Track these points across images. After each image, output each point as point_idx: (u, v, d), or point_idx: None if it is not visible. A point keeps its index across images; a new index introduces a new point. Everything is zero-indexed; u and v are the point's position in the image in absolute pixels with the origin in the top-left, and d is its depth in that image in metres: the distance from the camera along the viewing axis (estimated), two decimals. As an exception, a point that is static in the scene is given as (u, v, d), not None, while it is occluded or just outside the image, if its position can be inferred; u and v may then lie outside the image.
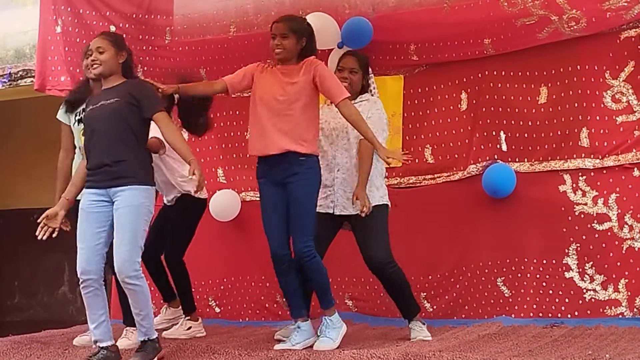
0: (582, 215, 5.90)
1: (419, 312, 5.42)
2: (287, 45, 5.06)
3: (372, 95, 5.53)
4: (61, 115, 5.75)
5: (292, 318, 5.25)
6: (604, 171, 5.87)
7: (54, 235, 4.84)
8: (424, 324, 5.36)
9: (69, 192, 4.93)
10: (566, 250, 5.91)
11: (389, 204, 5.41)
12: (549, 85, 6.04)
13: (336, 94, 5.01)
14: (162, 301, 6.37)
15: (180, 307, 6.17)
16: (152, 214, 4.78)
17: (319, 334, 5.10)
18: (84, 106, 5.13)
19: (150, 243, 6.03)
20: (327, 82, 5.01)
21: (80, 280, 4.78)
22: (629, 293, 5.73)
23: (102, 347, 4.73)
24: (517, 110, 6.12)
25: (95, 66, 4.81)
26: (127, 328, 5.59)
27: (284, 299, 5.43)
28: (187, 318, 6.03)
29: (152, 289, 6.79)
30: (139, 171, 4.68)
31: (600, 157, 5.88)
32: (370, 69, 5.57)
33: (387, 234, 5.31)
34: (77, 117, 5.59)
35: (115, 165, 4.65)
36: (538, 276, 5.96)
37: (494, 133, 6.16)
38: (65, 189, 5.04)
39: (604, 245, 5.82)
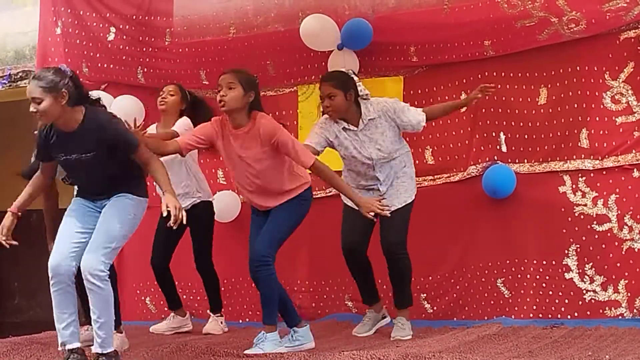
0: (582, 216, 5.90)
1: (409, 307, 5.57)
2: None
3: (366, 98, 5.54)
4: None
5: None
6: (604, 172, 5.87)
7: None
8: (408, 320, 5.50)
9: (18, 202, 4.98)
10: (566, 251, 5.91)
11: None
12: (549, 86, 6.04)
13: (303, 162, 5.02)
14: (166, 308, 6.39)
15: (186, 315, 6.34)
16: (136, 225, 4.68)
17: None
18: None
19: (158, 250, 6.10)
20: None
21: (50, 277, 4.76)
22: (629, 294, 5.73)
23: (70, 350, 4.62)
24: (517, 111, 6.12)
25: (39, 117, 4.51)
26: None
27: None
28: (217, 315, 6.27)
29: (157, 296, 6.85)
30: (130, 183, 4.66)
31: (600, 158, 5.88)
32: (354, 77, 5.57)
33: (408, 227, 5.55)
34: None
35: (108, 191, 4.67)
36: (538, 277, 5.96)
37: (494, 134, 6.17)
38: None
39: (603, 246, 5.83)
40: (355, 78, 5.60)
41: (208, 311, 6.34)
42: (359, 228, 5.53)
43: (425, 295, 6.26)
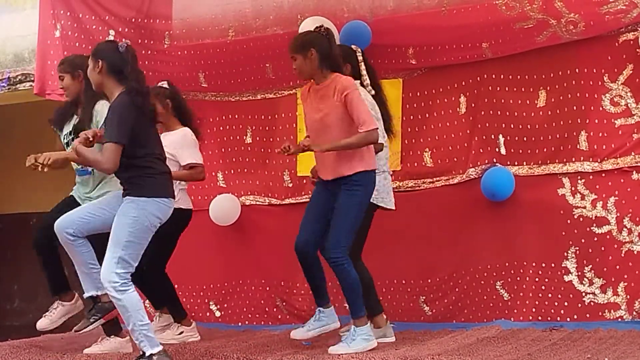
0: (581, 219, 5.89)
1: (378, 314, 5.50)
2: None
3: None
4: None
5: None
6: (603, 174, 5.87)
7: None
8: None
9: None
10: (565, 254, 5.91)
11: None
12: (548, 88, 6.04)
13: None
14: (153, 310, 6.34)
15: (192, 325, 6.14)
16: (145, 226, 4.63)
17: (342, 339, 5.10)
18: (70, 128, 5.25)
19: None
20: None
21: None
22: (628, 296, 5.72)
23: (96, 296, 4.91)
24: (515, 113, 6.12)
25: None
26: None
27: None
28: (178, 325, 6.02)
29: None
30: (132, 181, 4.66)
31: (599, 161, 5.88)
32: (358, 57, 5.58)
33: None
34: (65, 141, 5.58)
35: (124, 189, 4.72)
36: (537, 279, 5.96)
37: (492, 136, 6.16)
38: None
39: (603, 248, 5.82)
40: (360, 57, 5.58)
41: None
42: None
43: (424, 297, 6.26)
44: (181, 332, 5.94)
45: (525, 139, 6.09)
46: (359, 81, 5.46)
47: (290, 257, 6.73)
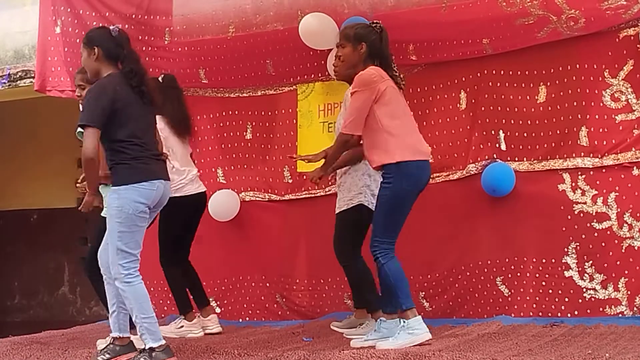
0: (582, 214, 5.89)
1: (367, 308, 5.62)
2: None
3: None
4: None
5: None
6: (603, 170, 5.86)
7: None
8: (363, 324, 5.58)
9: None
10: (565, 249, 5.91)
11: (364, 204, 5.58)
12: (548, 84, 6.04)
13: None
14: (165, 308, 6.33)
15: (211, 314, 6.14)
16: (130, 214, 4.62)
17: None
18: None
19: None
20: None
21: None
22: (629, 292, 5.73)
23: (112, 338, 4.83)
24: (516, 109, 6.11)
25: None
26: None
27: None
28: (182, 317, 6.03)
29: (156, 295, 6.83)
30: (113, 174, 4.70)
31: (599, 156, 5.88)
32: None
33: (348, 233, 5.64)
34: None
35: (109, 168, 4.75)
36: (537, 275, 5.96)
37: (493, 132, 6.16)
38: None
39: (603, 244, 5.82)
40: None
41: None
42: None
43: (424, 293, 6.26)
44: (181, 327, 5.95)
45: (525, 134, 6.09)
46: None
47: (290, 252, 6.78)
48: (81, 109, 4.68)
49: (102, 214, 5.13)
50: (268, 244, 6.87)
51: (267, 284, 6.86)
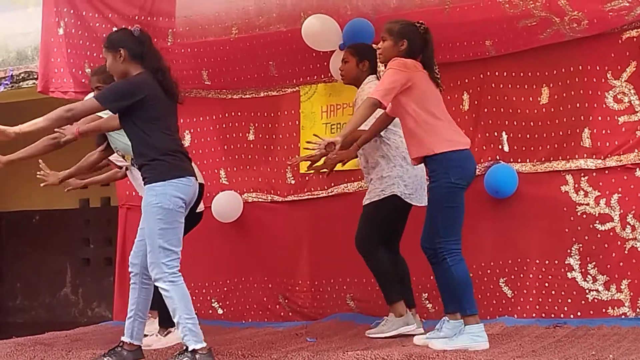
0: (585, 216, 5.90)
1: (394, 303, 5.51)
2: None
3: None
4: None
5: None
6: (606, 171, 5.87)
7: None
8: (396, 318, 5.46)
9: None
10: (568, 251, 5.91)
11: (397, 194, 5.48)
12: (551, 85, 6.04)
13: None
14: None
15: None
16: (171, 209, 4.59)
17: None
18: None
19: None
20: None
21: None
22: (632, 293, 5.73)
23: (122, 341, 4.80)
24: (519, 110, 6.12)
25: None
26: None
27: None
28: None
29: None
30: (147, 169, 4.67)
31: (602, 158, 5.88)
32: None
33: (371, 228, 5.53)
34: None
35: (139, 166, 4.76)
36: (540, 277, 5.97)
37: (495, 134, 6.17)
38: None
39: (606, 245, 5.83)
40: None
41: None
42: None
43: (427, 294, 6.26)
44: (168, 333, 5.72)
45: (528, 136, 6.09)
46: (375, 75, 5.65)
47: (293, 254, 6.78)
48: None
49: None
50: (271, 245, 6.87)
51: (270, 285, 6.86)
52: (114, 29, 7.04)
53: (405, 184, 5.49)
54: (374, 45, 5.63)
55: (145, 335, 5.18)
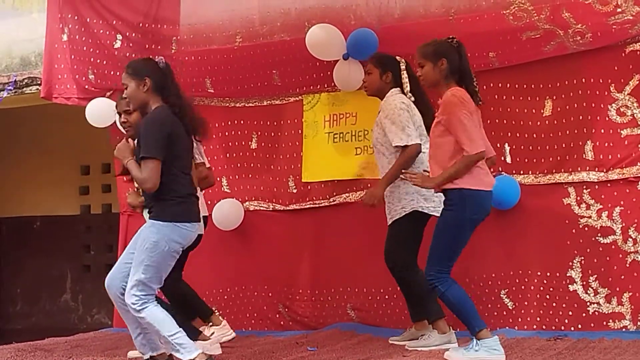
0: (586, 228, 5.90)
1: (436, 321, 5.47)
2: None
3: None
4: None
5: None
6: (609, 184, 5.87)
7: None
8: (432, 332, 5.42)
9: None
10: (570, 263, 5.91)
11: (418, 210, 5.50)
12: (554, 98, 6.05)
13: None
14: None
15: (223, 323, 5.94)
16: (165, 251, 4.59)
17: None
18: None
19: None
20: None
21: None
22: (633, 306, 5.72)
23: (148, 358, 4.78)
24: (521, 122, 6.12)
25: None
26: None
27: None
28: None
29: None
30: (156, 207, 4.64)
31: (604, 170, 5.88)
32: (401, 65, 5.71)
33: (402, 241, 5.51)
34: None
35: (150, 208, 4.73)
36: (542, 289, 5.96)
37: (498, 145, 6.15)
38: None
39: (608, 258, 5.82)
40: (402, 66, 5.71)
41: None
42: None
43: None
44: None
45: (531, 148, 6.09)
46: (399, 88, 5.66)
47: (294, 262, 6.78)
48: (140, 139, 4.59)
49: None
50: (271, 253, 6.87)
51: (270, 294, 6.85)
52: (118, 36, 7.10)
53: (425, 197, 5.50)
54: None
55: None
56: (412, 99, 5.60)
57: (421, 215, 5.52)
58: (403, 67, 5.70)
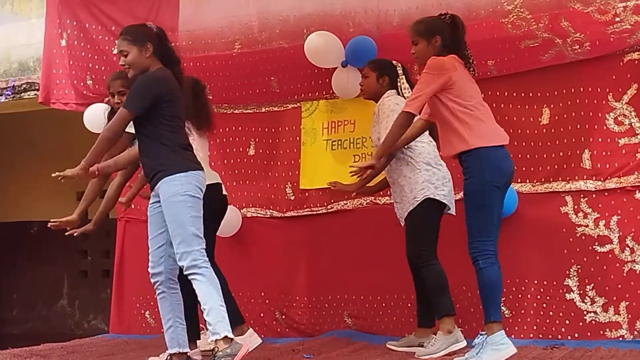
0: (584, 237, 5.89)
1: (444, 317, 5.43)
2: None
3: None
4: None
5: None
6: (606, 193, 5.87)
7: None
8: (444, 335, 5.37)
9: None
10: (567, 272, 5.90)
11: (431, 197, 5.45)
12: (552, 106, 6.05)
13: None
14: None
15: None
16: (196, 197, 4.61)
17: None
18: None
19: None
20: None
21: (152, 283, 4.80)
22: (630, 316, 5.72)
23: (171, 354, 4.74)
24: (519, 131, 6.12)
25: (127, 71, 4.74)
26: None
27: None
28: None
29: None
30: (165, 162, 4.62)
31: (602, 179, 5.88)
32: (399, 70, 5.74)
33: (423, 233, 5.45)
34: None
35: (150, 174, 4.70)
36: (539, 297, 5.96)
37: (496, 153, 6.17)
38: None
39: (605, 267, 5.82)
40: (400, 71, 5.74)
41: None
42: None
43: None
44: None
45: (528, 156, 6.10)
46: (395, 90, 5.69)
47: (291, 269, 6.77)
48: (129, 94, 4.69)
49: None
50: (268, 260, 6.86)
51: (267, 301, 6.85)
52: (117, 41, 7.08)
53: (435, 185, 5.47)
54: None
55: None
56: None
57: (434, 202, 5.46)
58: (400, 71, 5.74)
